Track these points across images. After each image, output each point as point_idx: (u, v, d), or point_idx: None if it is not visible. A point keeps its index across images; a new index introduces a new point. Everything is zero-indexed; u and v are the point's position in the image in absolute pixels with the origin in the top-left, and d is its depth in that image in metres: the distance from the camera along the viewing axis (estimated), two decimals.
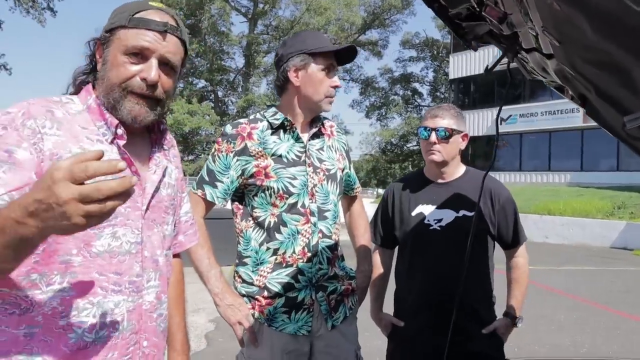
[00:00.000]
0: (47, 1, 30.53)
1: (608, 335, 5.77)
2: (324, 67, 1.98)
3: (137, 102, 1.24)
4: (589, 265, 11.42)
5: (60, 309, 1.15)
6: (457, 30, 1.50)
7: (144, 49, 1.23)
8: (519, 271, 2.39)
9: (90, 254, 1.17)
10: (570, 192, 20.05)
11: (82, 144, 1.20)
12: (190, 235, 1.58)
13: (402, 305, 2.38)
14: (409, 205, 2.33)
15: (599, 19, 0.75)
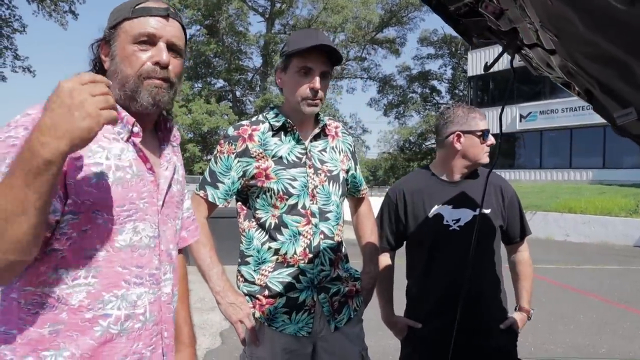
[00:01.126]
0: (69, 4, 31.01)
1: (629, 336, 5.65)
2: (298, 68, 1.94)
3: (155, 84, 1.28)
4: (611, 264, 11.21)
5: (86, 303, 1.18)
6: (457, 26, 1.48)
7: (151, 34, 1.27)
8: (526, 265, 2.42)
9: (114, 249, 1.21)
10: (592, 190, 19.71)
11: (101, 143, 1.23)
12: (192, 231, 1.62)
13: (420, 307, 2.33)
14: (424, 206, 2.29)
15: (587, 14, 0.73)
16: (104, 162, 1.20)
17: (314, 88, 1.94)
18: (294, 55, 1.94)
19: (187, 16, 37.89)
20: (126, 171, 1.24)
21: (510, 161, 27.47)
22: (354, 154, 2.24)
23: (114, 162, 1.22)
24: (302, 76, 1.94)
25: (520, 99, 25.41)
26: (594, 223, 15.92)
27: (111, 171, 1.21)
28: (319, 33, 2.02)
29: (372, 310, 2.42)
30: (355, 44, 41.77)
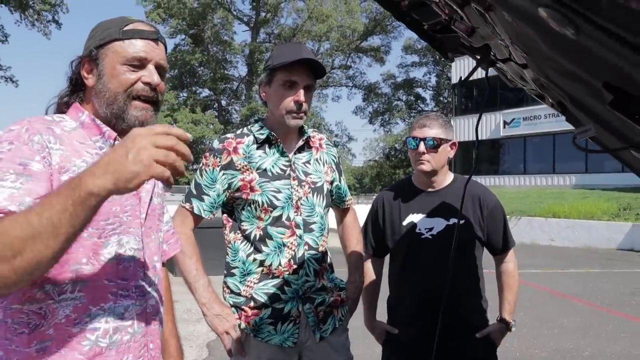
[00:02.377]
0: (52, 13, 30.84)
1: (612, 339, 5.74)
2: (282, 82, 1.97)
3: (143, 107, 1.31)
4: (595, 267, 11.35)
5: (73, 317, 1.18)
6: (432, 42, 1.53)
7: (143, 58, 1.31)
8: (510, 276, 2.41)
9: (99, 262, 1.22)
10: (576, 195, 19.95)
11: (85, 157, 1.25)
12: (172, 244, 1.63)
13: (396, 313, 2.40)
14: (400, 215, 2.34)
15: (546, 35, 0.77)
16: None
17: (298, 101, 1.97)
18: (278, 69, 1.97)
19: (171, 25, 37.88)
20: None
21: (494, 167, 27.74)
22: (338, 165, 2.28)
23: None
24: (286, 89, 1.97)
25: (503, 105, 25.71)
26: (577, 227, 16.12)
27: None
28: (302, 47, 2.06)
29: (360, 319, 2.46)
30: (340, 52, 42.01)
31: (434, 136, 2.24)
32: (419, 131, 2.27)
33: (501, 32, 1.17)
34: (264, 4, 39.58)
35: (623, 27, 0.52)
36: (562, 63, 0.89)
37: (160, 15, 37.18)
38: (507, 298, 2.39)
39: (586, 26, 0.55)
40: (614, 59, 0.62)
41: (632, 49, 0.54)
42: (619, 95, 0.78)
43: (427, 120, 2.30)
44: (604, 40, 0.57)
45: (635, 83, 0.69)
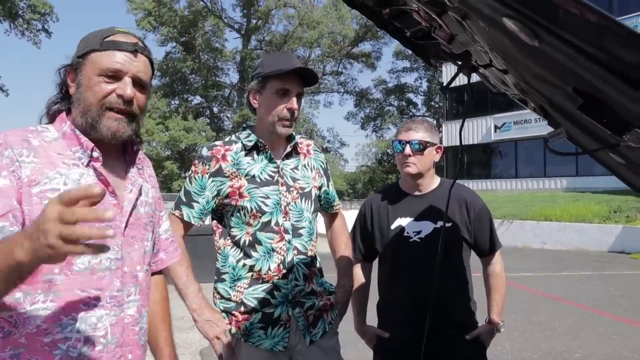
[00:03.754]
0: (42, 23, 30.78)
1: (603, 340, 5.78)
2: (276, 90, 2.00)
3: (116, 118, 1.31)
4: (587, 270, 11.42)
5: (45, 327, 1.19)
6: (415, 49, 1.56)
7: (117, 70, 1.31)
8: (497, 278, 2.43)
9: (72, 272, 1.23)
10: (567, 198, 20.07)
11: (59, 169, 1.26)
12: (171, 252, 1.64)
13: (386, 317, 2.42)
14: (388, 219, 2.37)
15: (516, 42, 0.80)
16: (61, 188, 1.23)
17: (291, 109, 2.01)
18: (271, 77, 2.00)
19: (162, 33, 37.86)
20: None
21: (486, 171, 27.86)
22: (326, 170, 2.31)
23: (71, 187, 1.24)
24: (279, 97, 2.00)
25: (494, 109, 25.86)
26: (569, 230, 16.21)
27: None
28: (292, 56, 2.11)
29: (351, 323, 2.48)
30: (332, 58, 42.13)
31: (420, 139, 2.27)
32: (405, 134, 2.30)
33: (480, 39, 1.20)
34: (254, 11, 39.67)
35: (580, 37, 0.54)
36: (535, 69, 0.93)
37: (151, 23, 37.18)
38: (495, 299, 2.42)
39: (546, 36, 0.58)
40: (575, 67, 0.64)
41: (589, 58, 0.56)
42: (588, 99, 0.81)
43: (412, 124, 2.33)
44: (563, 49, 0.60)
45: (597, 89, 0.71)
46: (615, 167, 1.55)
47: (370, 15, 1.43)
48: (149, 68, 1.39)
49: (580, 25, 0.52)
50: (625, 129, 0.78)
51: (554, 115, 1.66)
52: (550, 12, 0.53)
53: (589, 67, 0.60)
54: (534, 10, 0.55)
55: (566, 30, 0.55)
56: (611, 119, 0.78)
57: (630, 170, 1.45)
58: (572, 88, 0.81)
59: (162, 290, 1.63)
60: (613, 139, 0.87)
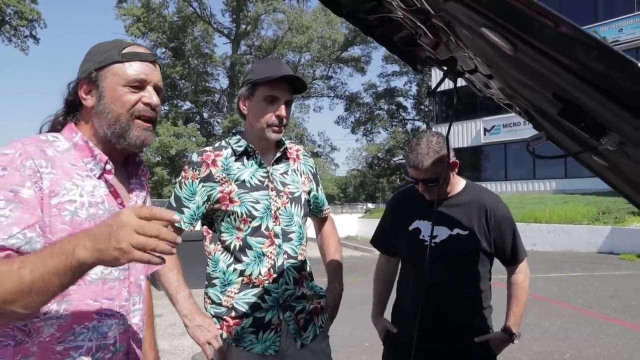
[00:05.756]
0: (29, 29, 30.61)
1: (592, 340, 5.84)
2: (264, 97, 2.02)
3: (144, 127, 1.36)
4: (576, 271, 11.52)
5: (58, 335, 1.21)
6: (402, 55, 1.59)
7: (142, 80, 1.36)
8: (518, 288, 2.38)
9: (85, 282, 1.25)
10: (556, 200, 20.24)
11: (75, 180, 1.28)
12: None
13: (396, 313, 2.47)
14: (407, 220, 2.37)
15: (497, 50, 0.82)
16: (77, 199, 1.26)
17: (280, 116, 2.03)
18: (260, 84, 2.01)
19: (151, 39, 37.79)
20: (99, 207, 1.30)
21: (476, 174, 28.00)
22: (315, 175, 2.32)
23: (87, 199, 1.28)
24: (268, 104, 2.02)
25: (483, 112, 26.05)
26: (558, 232, 16.34)
27: (84, 208, 1.27)
28: (282, 63, 2.12)
29: (345, 327, 2.50)
30: (321, 63, 42.22)
31: (429, 177, 2.19)
32: (413, 172, 2.22)
33: (464, 46, 1.23)
34: (244, 17, 39.70)
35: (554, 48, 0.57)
36: (517, 75, 0.95)
37: (140, 29, 37.10)
38: (513, 309, 2.37)
39: (522, 45, 0.61)
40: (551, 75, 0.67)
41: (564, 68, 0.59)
42: (567, 105, 0.83)
43: (417, 158, 2.18)
44: (539, 59, 0.62)
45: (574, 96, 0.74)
46: (600, 170, 1.58)
47: (357, 23, 1.45)
48: (161, 77, 1.45)
49: (554, 36, 0.54)
50: (603, 132, 0.81)
51: (538, 119, 1.69)
52: (525, 24, 0.55)
53: (564, 76, 0.62)
54: (509, 21, 0.57)
55: (540, 41, 0.57)
56: (589, 124, 0.81)
57: (613, 173, 1.48)
58: (551, 94, 0.83)
59: (147, 292, 1.65)
60: (592, 142, 0.90)
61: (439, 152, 2.19)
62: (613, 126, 0.77)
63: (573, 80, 0.60)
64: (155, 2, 36.96)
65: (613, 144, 0.80)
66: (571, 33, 0.51)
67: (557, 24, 0.52)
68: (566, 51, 0.56)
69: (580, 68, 0.57)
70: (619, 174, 1.33)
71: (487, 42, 0.79)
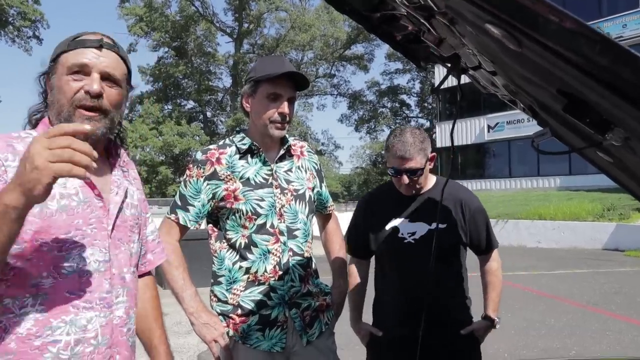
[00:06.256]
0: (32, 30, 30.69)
1: (597, 337, 5.83)
2: (267, 94, 2.02)
3: (87, 115, 1.30)
4: (581, 268, 11.49)
5: (35, 330, 1.21)
6: (405, 52, 1.59)
7: (83, 65, 1.31)
8: (493, 275, 2.46)
9: (60, 275, 1.24)
10: (560, 196, 20.19)
11: None
12: (158, 253, 1.66)
13: (380, 316, 2.44)
14: (383, 220, 2.38)
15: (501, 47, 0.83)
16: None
17: (282, 113, 2.03)
18: (263, 81, 2.02)
19: (154, 39, 37.85)
20: (72, 199, 1.29)
21: (480, 171, 27.98)
22: (319, 172, 2.33)
23: (58, 191, 1.26)
24: (270, 101, 2.02)
25: (487, 110, 26.00)
26: (563, 228, 16.30)
27: (55, 200, 1.25)
28: (285, 60, 2.12)
29: (348, 323, 2.50)
30: (324, 61, 42.21)
31: (416, 167, 2.20)
32: (399, 162, 2.21)
33: (468, 42, 1.23)
34: (246, 15, 39.71)
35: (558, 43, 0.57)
36: (521, 71, 0.95)
37: (142, 28, 37.17)
38: (491, 296, 2.44)
39: (527, 41, 0.61)
40: (556, 71, 0.67)
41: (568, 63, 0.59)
42: (572, 100, 0.84)
43: (404, 147, 2.19)
44: (544, 55, 0.62)
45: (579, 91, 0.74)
46: (605, 166, 1.58)
47: (360, 20, 1.45)
48: (120, 64, 1.38)
49: (558, 31, 0.54)
50: (608, 127, 0.81)
51: (542, 115, 1.69)
52: (529, 19, 0.55)
53: (569, 71, 0.63)
54: (513, 17, 0.57)
55: (545, 37, 0.57)
56: (594, 119, 0.81)
57: (619, 169, 1.48)
58: (556, 89, 0.84)
59: (152, 289, 1.65)
60: (597, 137, 0.90)
61: (423, 142, 2.23)
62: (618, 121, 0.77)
63: (578, 75, 0.61)
64: (157, 2, 37.01)
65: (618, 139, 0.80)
66: (575, 28, 0.52)
67: (562, 19, 0.52)
68: (571, 46, 0.56)
69: (585, 63, 0.57)
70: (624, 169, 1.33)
71: (491, 39, 0.80)
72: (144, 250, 1.59)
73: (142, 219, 1.55)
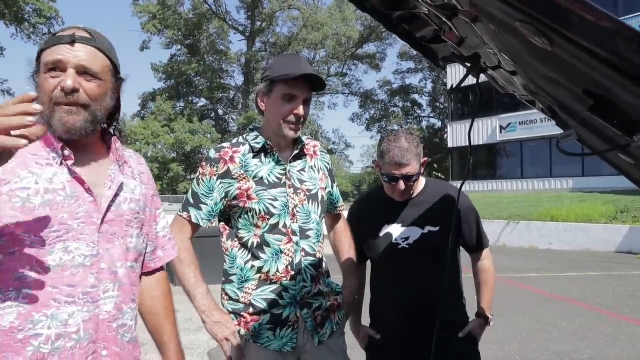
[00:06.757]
0: (47, 26, 30.95)
1: (610, 341, 5.76)
2: (282, 95, 2.00)
3: (67, 110, 1.31)
4: (594, 270, 11.37)
5: (17, 324, 1.22)
6: (424, 51, 1.57)
7: (57, 61, 1.31)
8: (486, 273, 2.46)
9: (43, 269, 1.25)
10: (573, 198, 19.99)
11: (31, 169, 1.30)
12: (168, 250, 1.66)
13: (378, 321, 2.44)
14: (376, 226, 2.36)
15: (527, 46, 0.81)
16: (32, 187, 1.27)
17: (298, 114, 2.01)
18: (279, 81, 1.99)
19: (167, 36, 38.03)
20: (58, 194, 1.29)
21: (492, 172, 27.80)
22: (331, 171, 2.32)
23: (43, 186, 1.28)
24: (286, 102, 2.00)
25: (499, 110, 25.82)
26: (576, 230, 16.14)
27: (39, 195, 1.27)
28: (302, 60, 2.09)
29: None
30: (336, 60, 42.18)
31: (413, 172, 2.19)
32: (396, 168, 2.18)
33: (489, 42, 1.21)
34: (259, 14, 39.78)
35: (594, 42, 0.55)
36: (545, 71, 0.93)
37: (156, 26, 37.37)
38: (484, 294, 2.45)
39: (559, 40, 0.59)
40: (588, 70, 0.65)
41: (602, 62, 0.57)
42: (599, 101, 0.82)
43: (401, 153, 2.15)
44: (577, 54, 0.61)
45: (610, 91, 0.72)
46: (626, 168, 1.56)
47: (381, 19, 1.44)
48: (98, 57, 1.36)
49: (594, 30, 0.53)
50: (636, 129, 0.79)
51: (562, 117, 1.66)
52: (564, 18, 0.54)
53: (602, 70, 0.61)
54: (547, 16, 0.56)
55: (579, 35, 0.56)
56: (622, 120, 0.79)
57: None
58: (582, 90, 0.82)
59: (164, 286, 1.64)
60: (624, 139, 0.88)
61: (418, 147, 2.21)
62: None
63: (612, 74, 0.59)
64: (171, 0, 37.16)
65: None
66: (612, 26, 0.50)
67: (598, 18, 0.51)
68: (607, 45, 0.55)
69: (621, 62, 0.56)
70: None
71: (517, 38, 0.78)
72: (152, 246, 1.58)
73: (148, 214, 1.54)
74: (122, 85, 1.46)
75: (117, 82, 1.43)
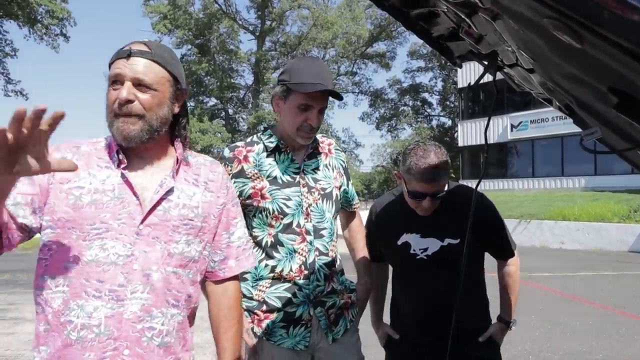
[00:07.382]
0: (60, 27, 31.17)
1: (625, 341, 5.71)
2: (298, 104, 1.98)
3: (123, 120, 1.41)
4: (607, 270, 11.28)
5: (60, 308, 1.34)
6: (441, 49, 1.56)
7: (116, 75, 1.42)
8: (510, 277, 2.37)
9: (82, 262, 1.35)
10: (585, 197, 19.84)
11: (91, 170, 1.43)
12: (242, 261, 1.66)
13: (398, 319, 2.41)
14: (394, 233, 2.29)
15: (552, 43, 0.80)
16: (85, 186, 1.39)
17: (312, 124, 2.01)
18: (295, 90, 1.98)
19: (177, 36, 38.16)
20: (106, 194, 1.39)
21: (503, 171, 27.65)
22: (346, 169, 2.31)
23: (94, 186, 1.40)
24: (301, 111, 1.99)
25: (510, 108, 25.68)
26: (588, 230, 16.03)
27: (90, 194, 1.39)
28: (321, 68, 2.04)
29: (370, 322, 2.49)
30: (346, 59, 42.08)
31: (442, 189, 2.09)
32: (426, 187, 2.07)
33: (508, 39, 1.20)
34: (269, 13, 39.80)
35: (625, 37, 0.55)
36: (568, 68, 0.93)
37: (166, 26, 37.50)
38: (507, 299, 2.37)
39: (589, 36, 0.59)
40: (618, 67, 0.65)
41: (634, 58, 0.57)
42: (624, 98, 0.81)
43: (432, 170, 2.04)
44: (607, 50, 0.60)
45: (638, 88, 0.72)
46: None
47: (398, 16, 1.43)
48: (153, 69, 1.43)
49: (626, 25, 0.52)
50: None
51: (580, 114, 1.65)
52: (594, 13, 0.53)
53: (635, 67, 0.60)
54: (577, 12, 0.55)
55: (611, 31, 0.55)
56: None
57: None
58: (607, 87, 0.81)
59: (231, 298, 1.64)
60: None
61: (447, 161, 2.10)
62: None
63: None
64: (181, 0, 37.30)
65: None
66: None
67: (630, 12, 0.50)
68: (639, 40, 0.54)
69: None
70: None
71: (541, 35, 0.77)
72: (222, 255, 1.60)
73: (213, 223, 1.56)
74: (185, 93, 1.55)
75: (177, 92, 1.50)
